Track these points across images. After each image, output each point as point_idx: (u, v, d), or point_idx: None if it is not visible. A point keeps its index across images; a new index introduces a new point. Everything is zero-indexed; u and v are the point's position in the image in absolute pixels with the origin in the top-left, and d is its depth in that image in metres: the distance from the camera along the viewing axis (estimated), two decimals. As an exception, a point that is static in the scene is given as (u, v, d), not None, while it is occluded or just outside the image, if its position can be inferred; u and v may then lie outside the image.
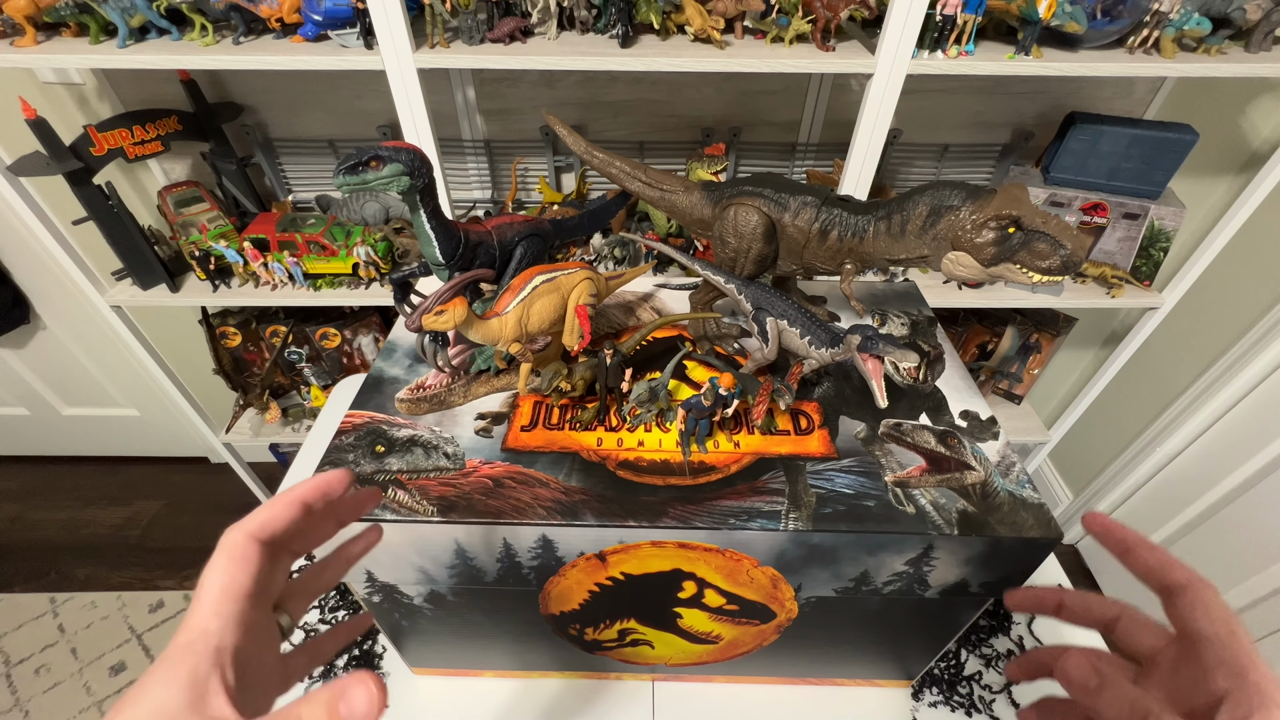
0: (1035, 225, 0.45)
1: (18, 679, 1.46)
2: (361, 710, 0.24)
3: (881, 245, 0.52)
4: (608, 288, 0.60)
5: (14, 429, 1.91)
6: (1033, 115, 1.30)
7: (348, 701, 0.24)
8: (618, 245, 1.23)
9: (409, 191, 0.49)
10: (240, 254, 1.19)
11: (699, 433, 0.51)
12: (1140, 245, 1.26)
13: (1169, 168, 1.17)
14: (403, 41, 0.91)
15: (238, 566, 0.27)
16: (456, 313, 0.47)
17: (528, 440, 0.51)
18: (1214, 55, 0.96)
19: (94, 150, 1.07)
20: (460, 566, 0.49)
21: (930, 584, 0.49)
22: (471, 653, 0.63)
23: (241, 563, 0.27)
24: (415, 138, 1.00)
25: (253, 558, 0.27)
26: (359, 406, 0.54)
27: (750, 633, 0.57)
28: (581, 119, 1.30)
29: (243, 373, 1.53)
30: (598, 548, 0.47)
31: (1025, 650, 0.33)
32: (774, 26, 0.98)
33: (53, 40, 0.99)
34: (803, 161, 1.36)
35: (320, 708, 0.24)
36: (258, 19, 0.98)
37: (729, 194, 0.56)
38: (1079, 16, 0.92)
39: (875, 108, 0.97)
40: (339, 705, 0.24)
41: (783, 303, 0.54)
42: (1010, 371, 1.56)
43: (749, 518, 0.45)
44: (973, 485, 0.48)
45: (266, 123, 1.30)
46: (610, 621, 0.57)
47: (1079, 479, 1.77)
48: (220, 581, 0.26)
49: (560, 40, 1.00)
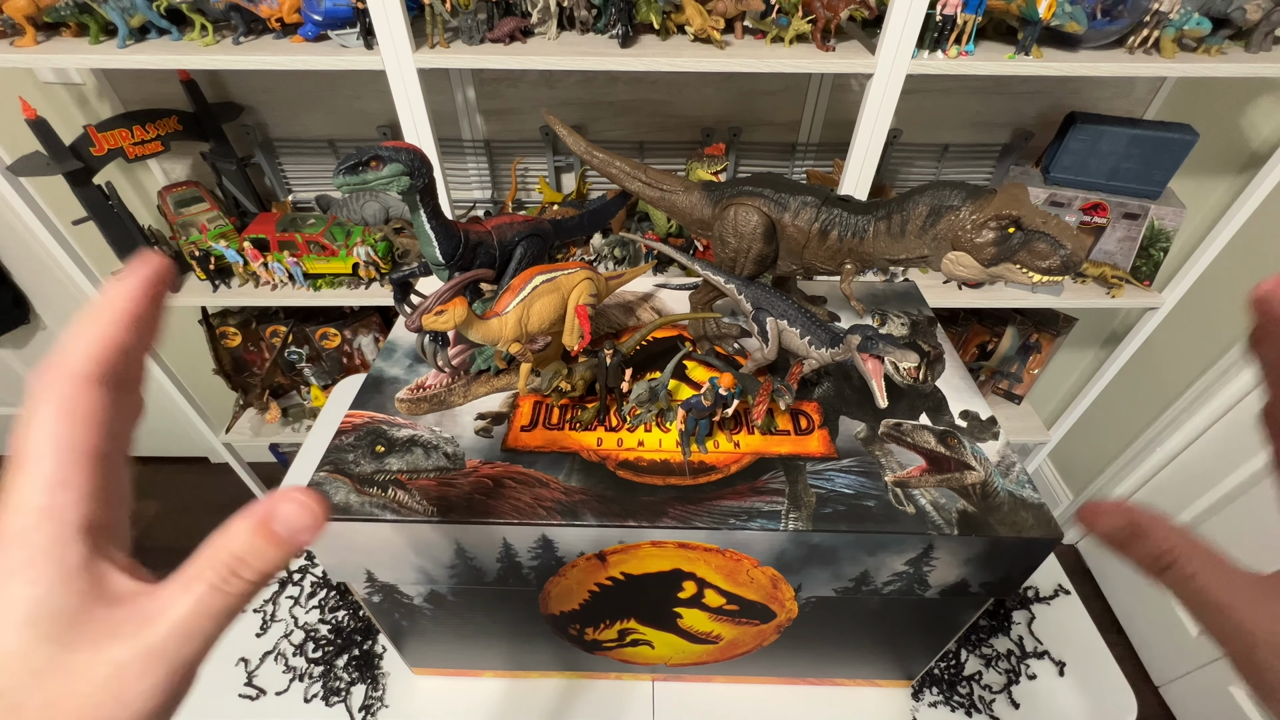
0: (1035, 225, 0.45)
1: (18, 679, 1.46)
2: (303, 521, 0.21)
3: (881, 245, 0.52)
4: (608, 288, 0.60)
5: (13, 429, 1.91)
6: (1033, 115, 1.30)
7: (281, 519, 0.21)
8: (618, 245, 1.23)
9: (409, 191, 0.49)
10: (240, 254, 1.19)
11: (699, 433, 0.51)
12: (1140, 245, 1.26)
13: (1169, 168, 1.17)
14: (403, 41, 0.91)
15: (82, 423, 0.20)
16: (456, 313, 0.47)
17: (528, 440, 0.51)
18: (1214, 55, 0.96)
19: (94, 150, 1.07)
20: (460, 566, 0.49)
21: (930, 584, 0.49)
22: (471, 653, 0.63)
23: (84, 417, 0.20)
24: (415, 138, 1.00)
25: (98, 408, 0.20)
26: (359, 406, 0.54)
27: (750, 633, 0.57)
28: (581, 119, 1.30)
29: (243, 373, 1.53)
30: (598, 548, 0.47)
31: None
32: (774, 26, 0.97)
33: (53, 40, 0.99)
34: (803, 161, 1.36)
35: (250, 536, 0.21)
36: (258, 19, 0.98)
37: (729, 194, 0.56)
38: (1079, 16, 0.92)
39: (875, 108, 0.97)
40: (272, 525, 0.21)
41: (783, 303, 0.54)
42: (1010, 371, 1.56)
43: (749, 518, 0.45)
44: (973, 485, 0.48)
45: (266, 123, 1.29)
46: (610, 621, 0.57)
47: (1079, 479, 1.77)
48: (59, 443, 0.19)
49: (560, 40, 1.00)
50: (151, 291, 0.22)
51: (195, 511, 1.86)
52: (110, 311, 0.21)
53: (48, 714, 0.18)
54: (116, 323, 0.21)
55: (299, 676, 0.66)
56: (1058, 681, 0.68)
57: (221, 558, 0.21)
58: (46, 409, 0.20)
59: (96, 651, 0.19)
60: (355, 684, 0.66)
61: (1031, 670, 0.68)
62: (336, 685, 0.66)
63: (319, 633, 0.70)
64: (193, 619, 0.20)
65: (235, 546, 0.21)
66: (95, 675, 0.18)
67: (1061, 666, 0.69)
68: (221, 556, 0.21)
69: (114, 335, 0.21)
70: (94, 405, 0.20)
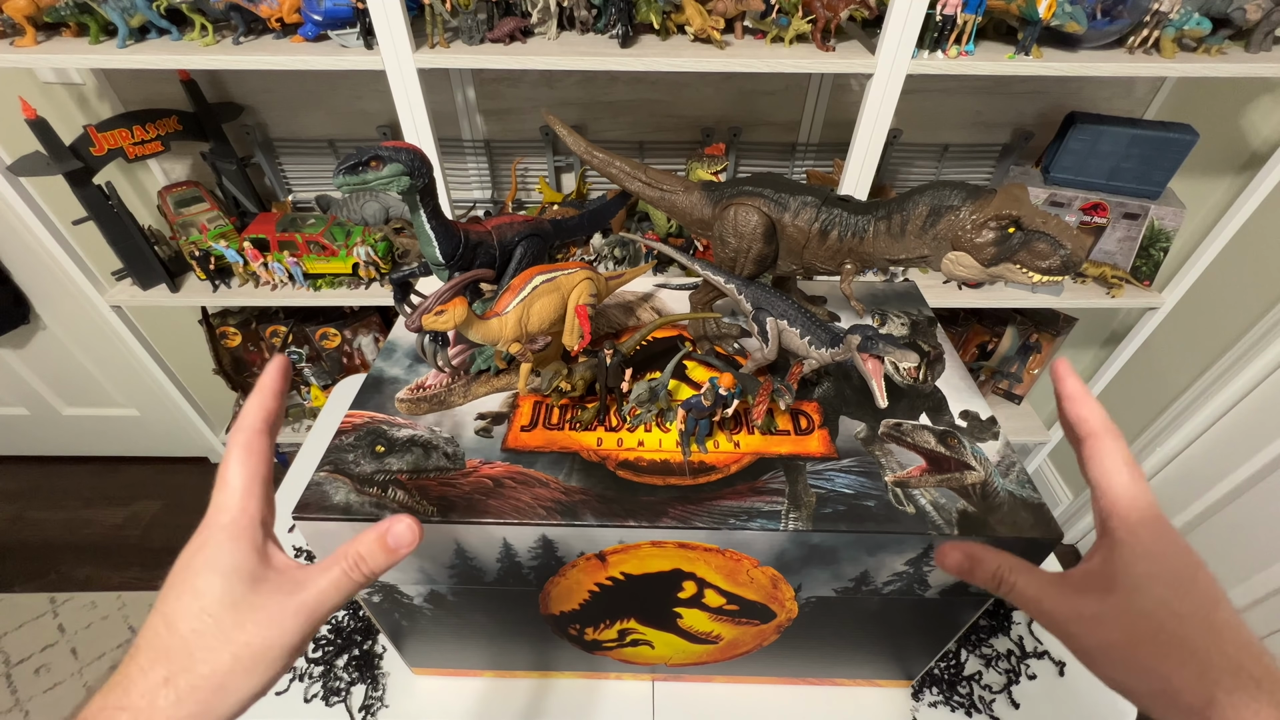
0: (1035, 225, 0.45)
1: (18, 679, 1.46)
2: (406, 539, 0.32)
3: (881, 245, 0.52)
4: (608, 288, 0.60)
5: (14, 429, 1.91)
6: (1033, 115, 1.30)
7: (394, 535, 0.31)
8: (618, 245, 1.23)
9: (409, 191, 0.49)
10: (240, 254, 1.19)
11: (699, 433, 0.51)
12: (1140, 245, 1.26)
13: (1169, 168, 1.17)
14: (403, 41, 0.91)
15: (257, 458, 0.32)
16: (456, 313, 0.47)
17: (528, 440, 0.51)
18: (1214, 55, 0.96)
19: (94, 150, 1.07)
20: (460, 566, 0.49)
21: (930, 584, 0.49)
22: (471, 653, 0.63)
23: (259, 454, 0.32)
24: (415, 138, 1.00)
25: (265, 448, 0.33)
26: (359, 406, 0.54)
27: (750, 633, 0.57)
28: (581, 119, 1.30)
29: (243, 373, 1.53)
30: (598, 548, 0.47)
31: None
32: (774, 26, 0.97)
33: (53, 40, 0.99)
34: (803, 161, 1.36)
35: (372, 542, 0.31)
36: (258, 19, 0.98)
37: (729, 194, 0.56)
38: (1079, 16, 0.92)
39: (875, 108, 0.97)
40: (387, 538, 0.31)
41: (783, 303, 0.54)
42: (1010, 371, 1.56)
43: (749, 518, 0.45)
44: (973, 485, 0.48)
45: (266, 123, 1.29)
46: (610, 621, 0.57)
47: (1079, 479, 1.77)
48: (246, 471, 0.31)
49: (560, 40, 1.00)
50: (284, 374, 0.35)
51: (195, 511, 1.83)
52: (265, 389, 0.34)
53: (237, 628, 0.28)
54: (270, 395, 0.34)
55: (299, 676, 0.66)
56: (1058, 681, 0.68)
57: (351, 553, 0.31)
58: (238, 451, 0.32)
59: (269, 596, 0.29)
60: (355, 684, 0.66)
61: (1031, 670, 0.68)
62: (336, 685, 0.66)
63: (319, 632, 0.70)
64: (329, 588, 0.30)
65: (361, 548, 0.31)
66: (265, 613, 0.29)
67: (1061, 666, 0.69)
68: (351, 552, 0.31)
69: (269, 404, 0.34)
70: (263, 448, 0.32)
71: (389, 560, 0.32)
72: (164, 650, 0.27)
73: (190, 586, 0.29)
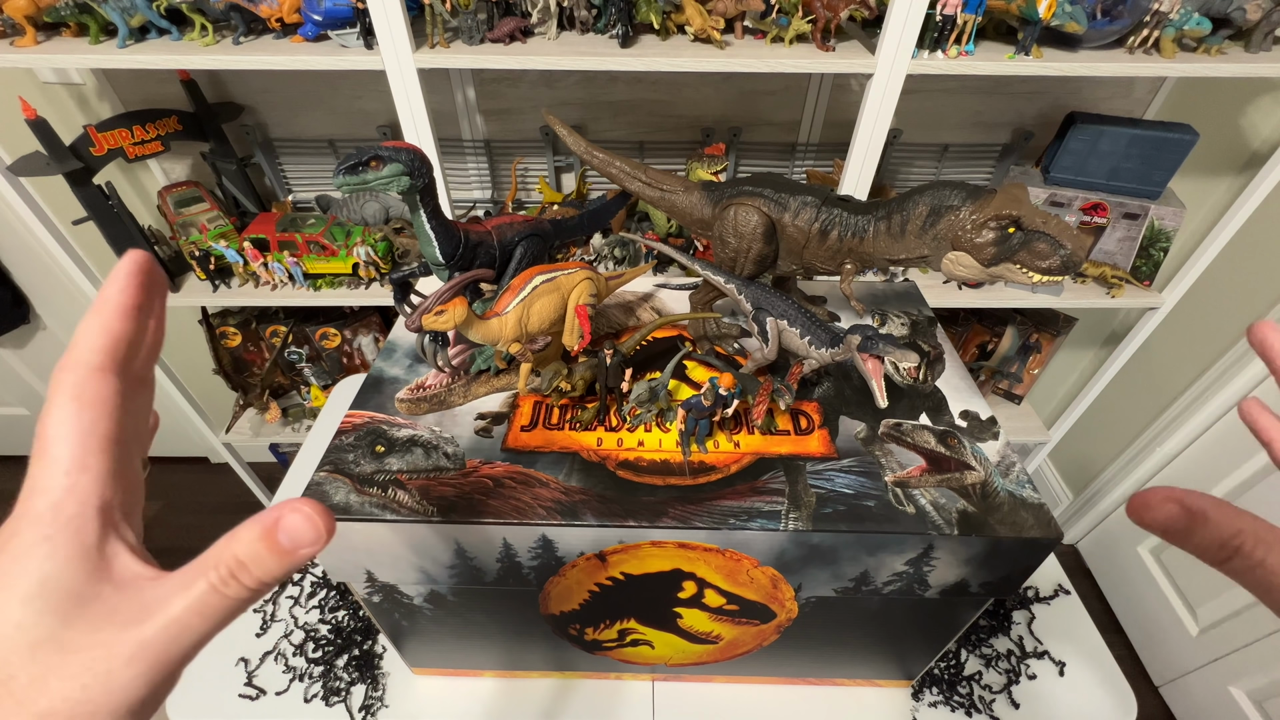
0: (1035, 225, 0.45)
1: (18, 679, 1.45)
2: (307, 536, 0.21)
3: (881, 245, 0.52)
4: (608, 288, 0.60)
5: (14, 429, 1.91)
6: (1033, 115, 1.30)
7: (286, 530, 0.21)
8: (618, 245, 1.23)
9: (409, 191, 0.49)
10: (240, 254, 1.19)
11: (699, 433, 0.51)
12: (1140, 245, 1.26)
13: (1169, 168, 1.17)
14: (403, 41, 0.91)
15: (96, 410, 0.21)
16: (456, 313, 0.47)
17: (528, 440, 0.51)
18: (1214, 55, 0.96)
19: (94, 150, 1.07)
20: (460, 566, 0.49)
21: (930, 584, 0.49)
22: (472, 653, 0.63)
23: (101, 404, 0.21)
24: (415, 138, 1.00)
25: (110, 395, 0.21)
26: (359, 406, 0.54)
27: (750, 633, 0.57)
28: (581, 119, 1.30)
29: (243, 373, 1.52)
30: (598, 548, 0.47)
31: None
32: (774, 26, 0.97)
33: (53, 40, 0.99)
34: (803, 161, 1.35)
35: (255, 542, 0.21)
36: (258, 19, 0.98)
37: (729, 194, 0.56)
38: (1079, 16, 0.92)
39: (875, 108, 0.97)
40: (277, 536, 0.21)
41: (783, 303, 0.54)
42: (1010, 371, 1.56)
43: (749, 518, 0.45)
44: (973, 485, 0.48)
45: (266, 123, 1.29)
46: (610, 621, 0.57)
47: (1079, 479, 1.77)
48: (76, 431, 0.20)
49: (560, 40, 0.99)
50: (139, 281, 0.23)
51: (195, 511, 1.86)
52: (107, 305, 0.23)
53: (37, 687, 0.18)
54: (115, 314, 0.23)
55: (299, 676, 0.66)
56: (1058, 681, 0.68)
57: (225, 560, 0.21)
58: (62, 399, 0.21)
59: (92, 632, 0.19)
60: (355, 684, 0.66)
61: (1031, 670, 0.68)
62: (336, 685, 0.66)
63: (319, 633, 0.70)
64: (187, 616, 0.20)
65: (239, 550, 0.21)
66: (86, 656, 0.19)
67: (1061, 666, 0.69)
68: (225, 558, 0.21)
69: (115, 326, 0.22)
70: (106, 393, 0.21)
71: (282, 566, 0.21)
72: None
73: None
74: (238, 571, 0.21)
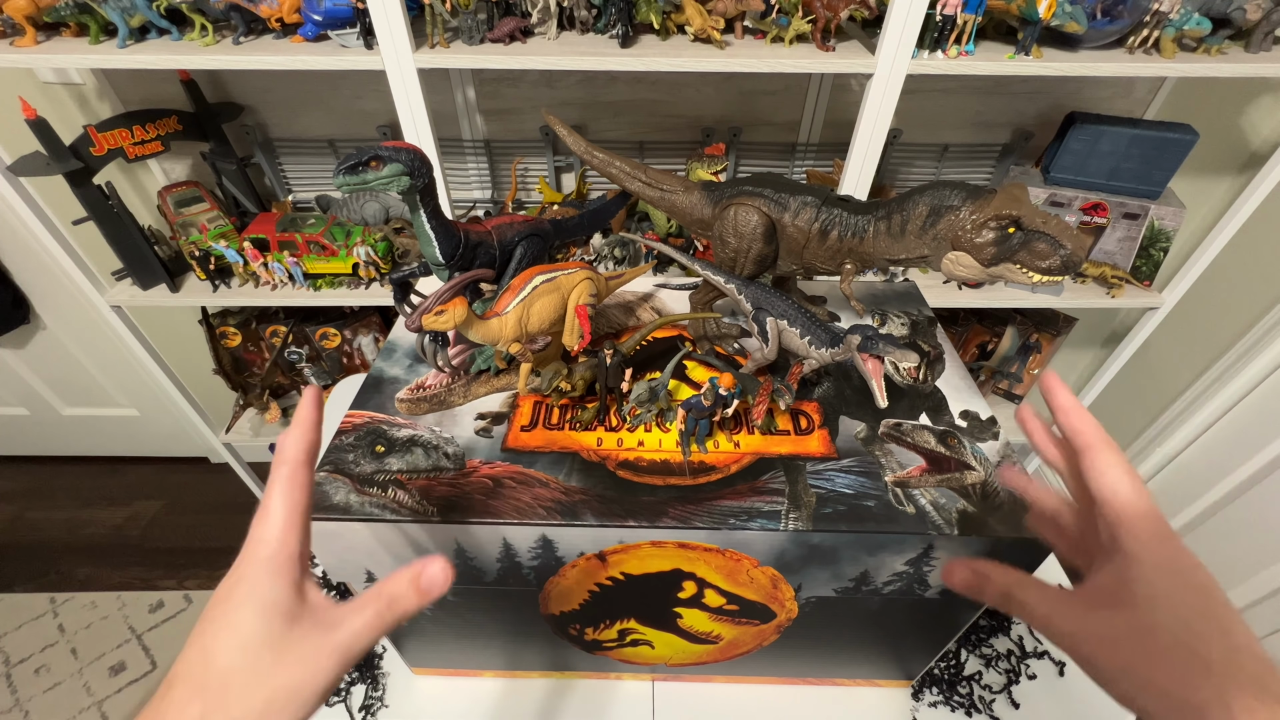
0: (1035, 225, 0.45)
1: (18, 679, 1.46)
2: (439, 582, 0.32)
3: (881, 245, 0.52)
4: (608, 288, 0.60)
5: (14, 429, 1.91)
6: (1033, 115, 1.30)
7: (427, 578, 0.31)
8: (618, 245, 1.23)
9: (409, 191, 0.49)
10: (240, 254, 1.19)
11: (699, 433, 0.51)
12: (1140, 245, 1.26)
13: (1169, 168, 1.17)
14: (403, 41, 0.91)
15: (299, 489, 0.31)
16: (456, 313, 0.47)
17: (528, 440, 0.51)
18: (1214, 55, 0.96)
19: (94, 150, 1.07)
20: (460, 566, 0.49)
21: (930, 584, 0.49)
22: (471, 653, 0.63)
23: (300, 486, 0.31)
24: (415, 138, 1.00)
25: (307, 481, 0.32)
26: (359, 406, 0.54)
27: (750, 633, 0.57)
28: (581, 119, 1.30)
29: (243, 373, 1.53)
30: (598, 548, 0.47)
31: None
32: (774, 26, 0.97)
33: (53, 40, 0.99)
34: (803, 161, 1.36)
35: (405, 583, 0.31)
36: (258, 19, 0.98)
37: (729, 194, 0.56)
38: (1079, 16, 0.92)
39: (875, 108, 0.97)
40: (420, 581, 0.31)
41: (783, 303, 0.54)
42: (1010, 371, 1.56)
43: (749, 518, 0.45)
44: (973, 485, 0.48)
45: (266, 123, 1.29)
46: (610, 621, 0.57)
47: (1079, 479, 1.77)
48: (287, 503, 0.31)
49: (560, 40, 1.00)
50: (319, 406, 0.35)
51: (195, 511, 1.86)
52: (307, 419, 0.34)
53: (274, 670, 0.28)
54: (309, 427, 0.33)
55: (299, 676, 0.66)
56: (1058, 681, 0.68)
57: (385, 594, 0.31)
58: (282, 482, 0.31)
59: (305, 635, 0.29)
60: (355, 684, 0.66)
61: (1031, 670, 0.68)
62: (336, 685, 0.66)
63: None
64: (363, 629, 0.30)
65: (393, 589, 0.31)
66: (302, 651, 0.28)
67: (1061, 666, 0.69)
68: (385, 593, 0.31)
69: (309, 435, 0.33)
70: (305, 480, 0.32)
71: (420, 603, 0.31)
72: (200, 686, 0.27)
73: (229, 621, 0.28)
74: (392, 603, 0.31)
